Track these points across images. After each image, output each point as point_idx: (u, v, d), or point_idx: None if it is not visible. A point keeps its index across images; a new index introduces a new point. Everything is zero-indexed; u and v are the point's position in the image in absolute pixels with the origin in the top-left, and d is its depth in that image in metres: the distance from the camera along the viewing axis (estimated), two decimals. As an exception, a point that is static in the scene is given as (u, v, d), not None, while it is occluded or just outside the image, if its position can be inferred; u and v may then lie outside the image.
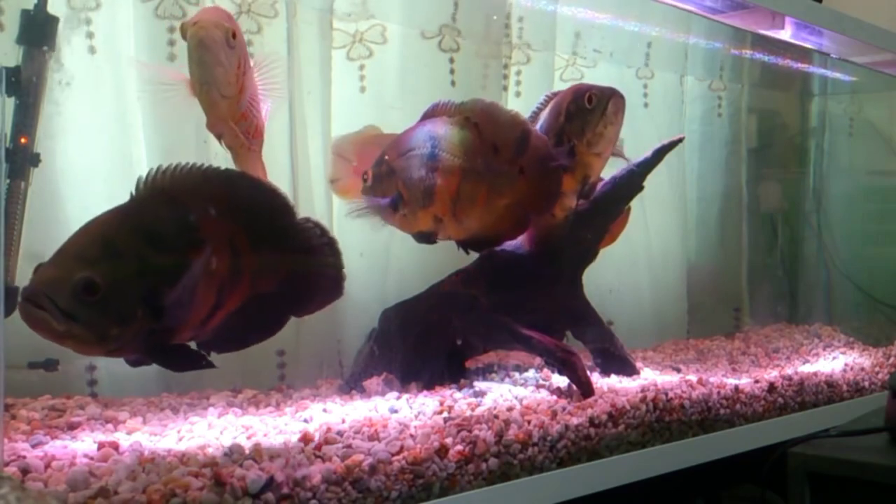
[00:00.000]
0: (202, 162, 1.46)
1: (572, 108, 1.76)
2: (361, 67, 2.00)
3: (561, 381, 1.73)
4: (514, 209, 1.70)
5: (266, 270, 1.45)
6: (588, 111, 1.74)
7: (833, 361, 2.34)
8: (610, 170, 1.93)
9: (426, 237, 1.77)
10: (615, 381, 1.84)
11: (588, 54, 2.40)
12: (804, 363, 2.31)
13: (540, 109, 1.86)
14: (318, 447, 1.30)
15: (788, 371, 2.12)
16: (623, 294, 2.47)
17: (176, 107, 1.74)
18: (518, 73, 2.27)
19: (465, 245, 1.77)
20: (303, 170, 1.90)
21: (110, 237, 1.28)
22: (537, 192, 1.70)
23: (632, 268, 2.49)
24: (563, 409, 1.57)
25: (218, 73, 1.42)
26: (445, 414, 1.49)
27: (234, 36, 1.42)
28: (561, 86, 2.39)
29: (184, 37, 1.41)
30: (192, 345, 1.41)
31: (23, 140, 1.46)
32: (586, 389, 1.66)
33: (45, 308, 1.19)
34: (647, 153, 1.91)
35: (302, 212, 1.88)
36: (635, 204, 2.08)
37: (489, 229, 1.74)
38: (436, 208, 1.70)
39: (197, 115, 1.76)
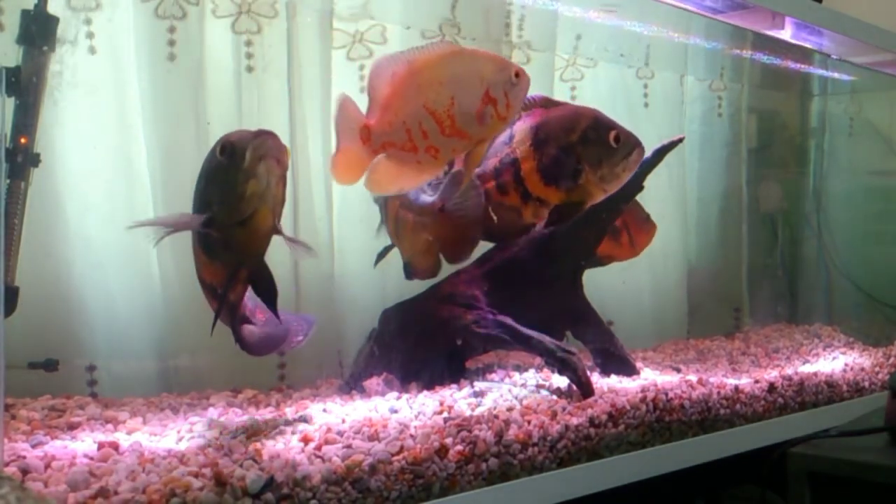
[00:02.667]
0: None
1: (592, 136, 1.73)
2: (361, 67, 2.00)
3: (561, 381, 1.73)
4: (433, 248, 1.70)
5: None
6: (612, 149, 1.71)
7: (833, 361, 2.34)
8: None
9: (379, 255, 1.84)
10: (615, 381, 1.84)
11: (593, 54, 2.40)
12: (804, 363, 2.30)
13: None
14: (318, 447, 1.30)
15: (788, 371, 2.12)
16: (623, 294, 2.47)
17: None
18: (518, 72, 2.27)
19: (404, 268, 1.79)
20: (303, 170, 1.90)
21: None
22: (451, 237, 1.69)
23: (632, 268, 2.49)
24: (563, 409, 1.57)
25: None
26: (445, 414, 1.49)
27: None
28: (560, 85, 2.40)
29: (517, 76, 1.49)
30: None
31: (23, 140, 1.46)
32: (586, 390, 1.65)
33: None
34: (647, 153, 1.91)
35: (302, 212, 1.90)
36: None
37: (414, 262, 1.76)
38: (389, 228, 1.76)
39: (195, 115, 1.77)
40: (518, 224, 1.81)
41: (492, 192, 1.75)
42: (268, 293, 1.44)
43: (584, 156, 1.71)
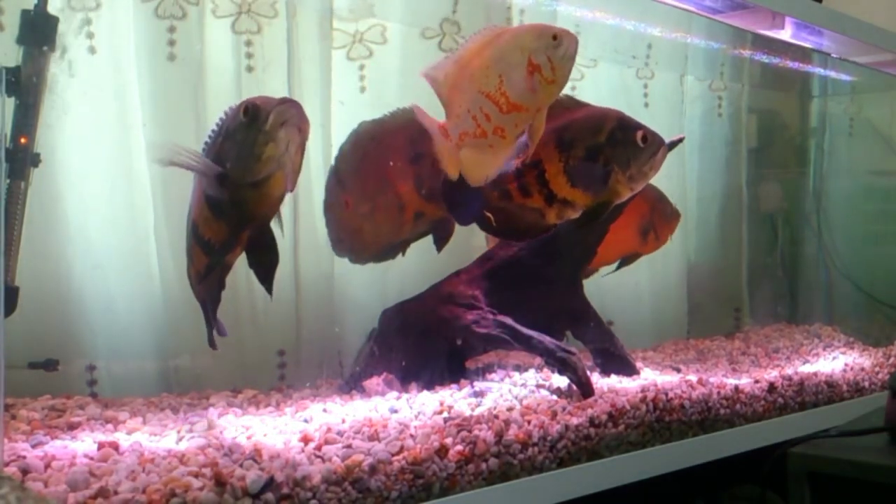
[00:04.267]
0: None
1: (619, 136, 1.73)
2: (361, 67, 2.00)
3: (561, 381, 1.73)
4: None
5: None
6: (639, 148, 1.72)
7: (833, 361, 2.34)
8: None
9: None
10: (615, 381, 1.84)
11: (601, 55, 2.40)
12: (804, 363, 2.30)
13: None
14: (318, 447, 1.30)
15: (788, 371, 2.12)
16: (623, 294, 2.46)
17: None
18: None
19: None
20: (302, 169, 1.90)
21: None
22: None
23: (632, 268, 2.49)
24: (563, 409, 1.57)
25: None
26: (445, 414, 1.50)
27: None
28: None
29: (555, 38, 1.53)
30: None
31: (23, 140, 1.46)
32: (586, 390, 1.66)
33: None
34: (647, 153, 1.91)
35: (301, 211, 1.90)
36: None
37: None
38: None
39: (195, 114, 1.76)
40: (540, 225, 1.81)
41: (514, 193, 1.75)
42: (268, 261, 1.45)
43: (613, 157, 1.72)
